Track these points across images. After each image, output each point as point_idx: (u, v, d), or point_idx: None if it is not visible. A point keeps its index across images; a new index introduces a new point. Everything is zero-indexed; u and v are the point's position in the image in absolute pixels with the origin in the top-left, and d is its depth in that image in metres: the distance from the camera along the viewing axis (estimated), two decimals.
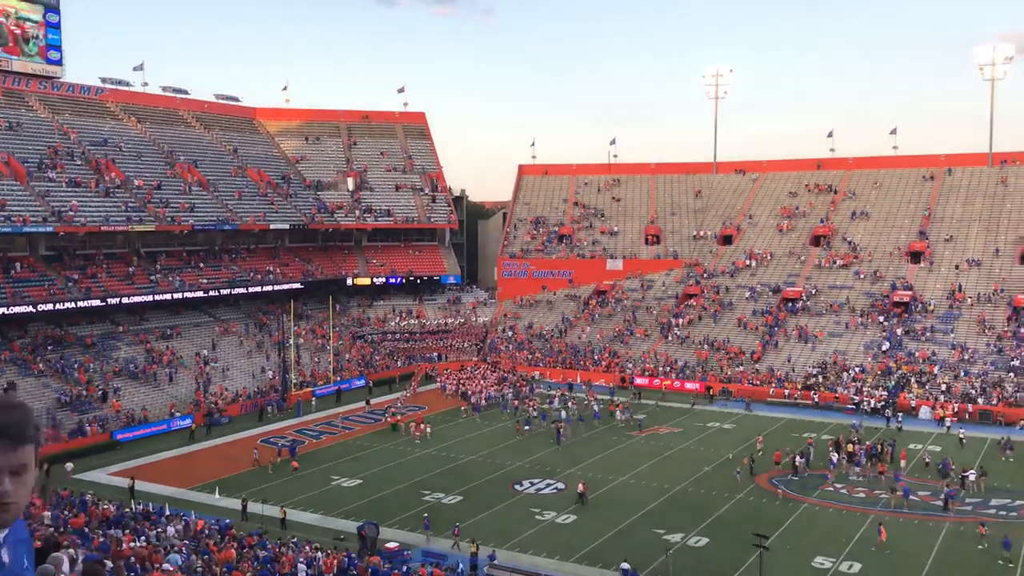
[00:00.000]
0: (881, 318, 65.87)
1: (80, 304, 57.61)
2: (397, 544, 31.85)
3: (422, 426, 50.41)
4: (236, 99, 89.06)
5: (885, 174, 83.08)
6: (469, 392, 60.06)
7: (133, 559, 17.87)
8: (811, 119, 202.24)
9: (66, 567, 10.16)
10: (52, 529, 24.22)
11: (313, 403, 58.77)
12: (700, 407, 57.76)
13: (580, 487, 38.09)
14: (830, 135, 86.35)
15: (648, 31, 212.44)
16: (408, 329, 76.60)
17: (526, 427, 50.91)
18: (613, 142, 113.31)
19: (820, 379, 59.75)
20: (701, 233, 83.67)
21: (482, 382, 62.82)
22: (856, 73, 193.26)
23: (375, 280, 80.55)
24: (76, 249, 62.75)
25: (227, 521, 33.32)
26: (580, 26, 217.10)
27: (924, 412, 54.16)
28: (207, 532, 29.87)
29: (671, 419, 54.32)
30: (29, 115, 68.32)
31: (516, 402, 57.72)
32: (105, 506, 32.57)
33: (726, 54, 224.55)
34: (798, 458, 42.20)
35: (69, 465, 42.99)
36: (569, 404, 56.65)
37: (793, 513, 36.16)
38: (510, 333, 75.70)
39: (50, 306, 55.82)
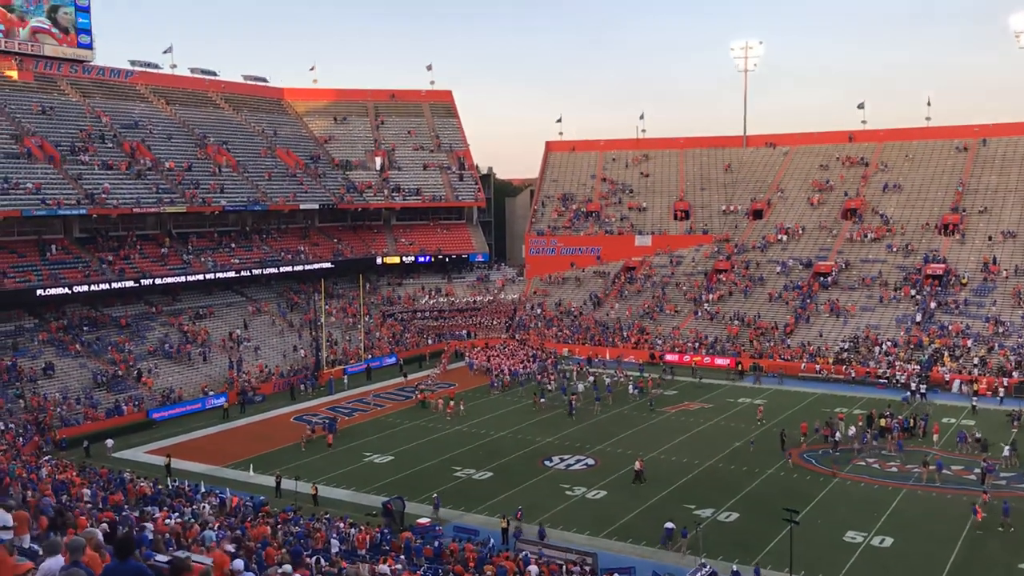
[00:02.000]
0: (914, 292, 65.11)
1: (114, 285, 58.47)
2: (429, 520, 32.21)
3: (452, 403, 50.79)
4: (264, 80, 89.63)
5: (918, 146, 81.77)
6: (493, 368, 60.47)
7: (168, 535, 18.24)
8: (842, 91, 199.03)
9: (100, 539, 10.39)
10: (91, 506, 24.72)
11: (345, 381, 59.36)
12: (707, 380, 57.81)
13: (638, 464, 37.76)
14: (861, 106, 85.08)
15: (676, 4, 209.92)
16: (437, 307, 76.97)
17: (542, 399, 51.42)
18: (642, 116, 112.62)
19: (852, 354, 59.28)
20: (731, 208, 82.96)
21: (511, 359, 63.09)
22: (888, 43, 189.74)
23: (404, 259, 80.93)
24: (109, 231, 63.56)
25: (261, 498, 33.83)
26: (607, 1, 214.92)
27: (957, 386, 53.58)
28: (242, 509, 30.36)
29: (701, 395, 54.25)
30: (61, 99, 69.12)
31: (540, 376, 58.06)
32: (142, 483, 33.19)
33: (756, 26, 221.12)
34: (836, 432, 42.01)
35: (110, 442, 44.01)
36: (589, 379, 57.03)
37: (824, 488, 36.02)
38: (539, 310, 75.76)
39: (85, 287, 56.74)
